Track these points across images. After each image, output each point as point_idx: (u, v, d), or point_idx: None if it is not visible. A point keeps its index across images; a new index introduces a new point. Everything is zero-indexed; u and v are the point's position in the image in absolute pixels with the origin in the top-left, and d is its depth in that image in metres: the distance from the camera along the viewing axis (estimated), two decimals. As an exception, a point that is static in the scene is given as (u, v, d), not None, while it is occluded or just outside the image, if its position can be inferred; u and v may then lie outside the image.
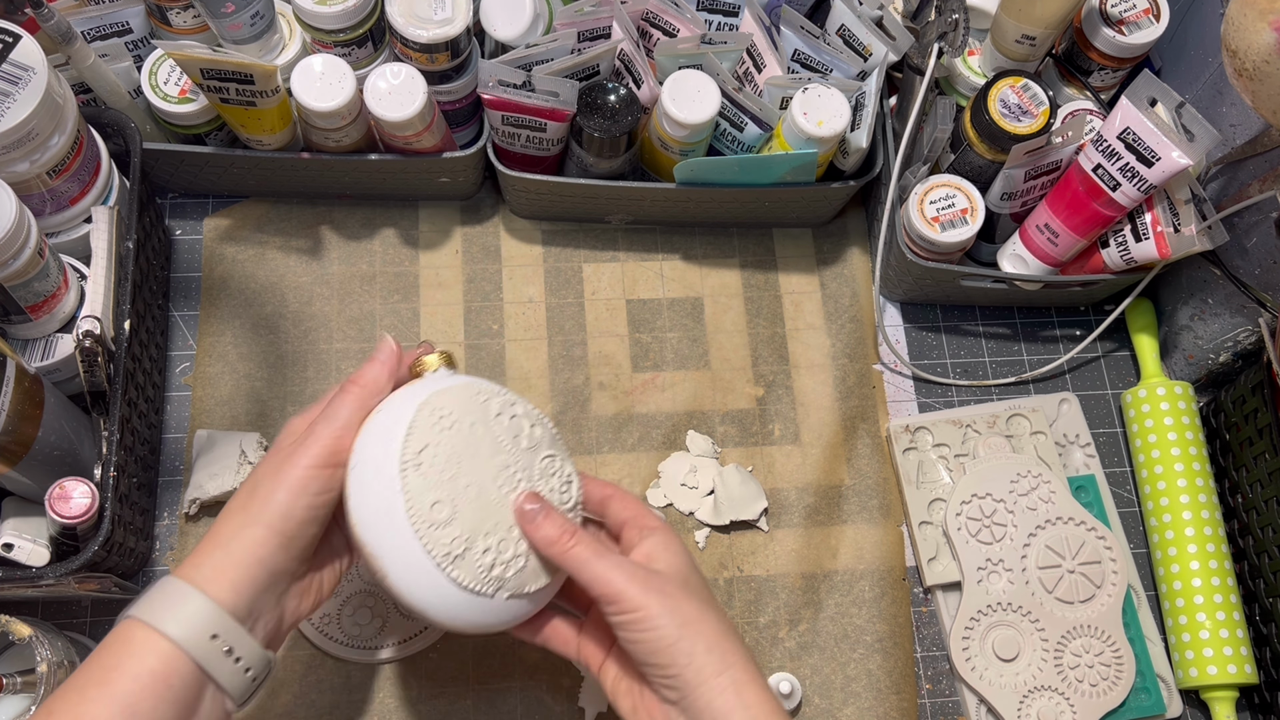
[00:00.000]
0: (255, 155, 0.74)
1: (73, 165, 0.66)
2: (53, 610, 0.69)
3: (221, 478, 0.70)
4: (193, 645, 0.46)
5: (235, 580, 0.48)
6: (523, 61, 0.72)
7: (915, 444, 0.77)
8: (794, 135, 0.72)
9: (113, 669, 0.45)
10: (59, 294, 0.66)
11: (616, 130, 0.72)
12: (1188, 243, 0.70)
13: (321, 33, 0.70)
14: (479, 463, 0.52)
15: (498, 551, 0.52)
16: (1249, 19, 0.60)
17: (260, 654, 0.49)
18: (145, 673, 0.45)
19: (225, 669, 0.47)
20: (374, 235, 0.81)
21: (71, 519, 0.59)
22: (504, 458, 0.53)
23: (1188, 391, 0.78)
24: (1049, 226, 0.74)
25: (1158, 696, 0.72)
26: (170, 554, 0.71)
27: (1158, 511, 0.75)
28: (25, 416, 0.59)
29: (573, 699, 0.70)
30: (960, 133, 0.74)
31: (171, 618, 0.46)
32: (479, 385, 0.55)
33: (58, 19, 0.65)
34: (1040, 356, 0.83)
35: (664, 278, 0.83)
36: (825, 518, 0.76)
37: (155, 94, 0.71)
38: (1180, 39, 0.79)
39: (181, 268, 0.79)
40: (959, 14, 0.71)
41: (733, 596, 0.74)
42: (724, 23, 0.77)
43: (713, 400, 0.79)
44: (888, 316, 0.84)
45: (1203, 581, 0.72)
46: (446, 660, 0.70)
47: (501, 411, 0.54)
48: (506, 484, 0.53)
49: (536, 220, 0.83)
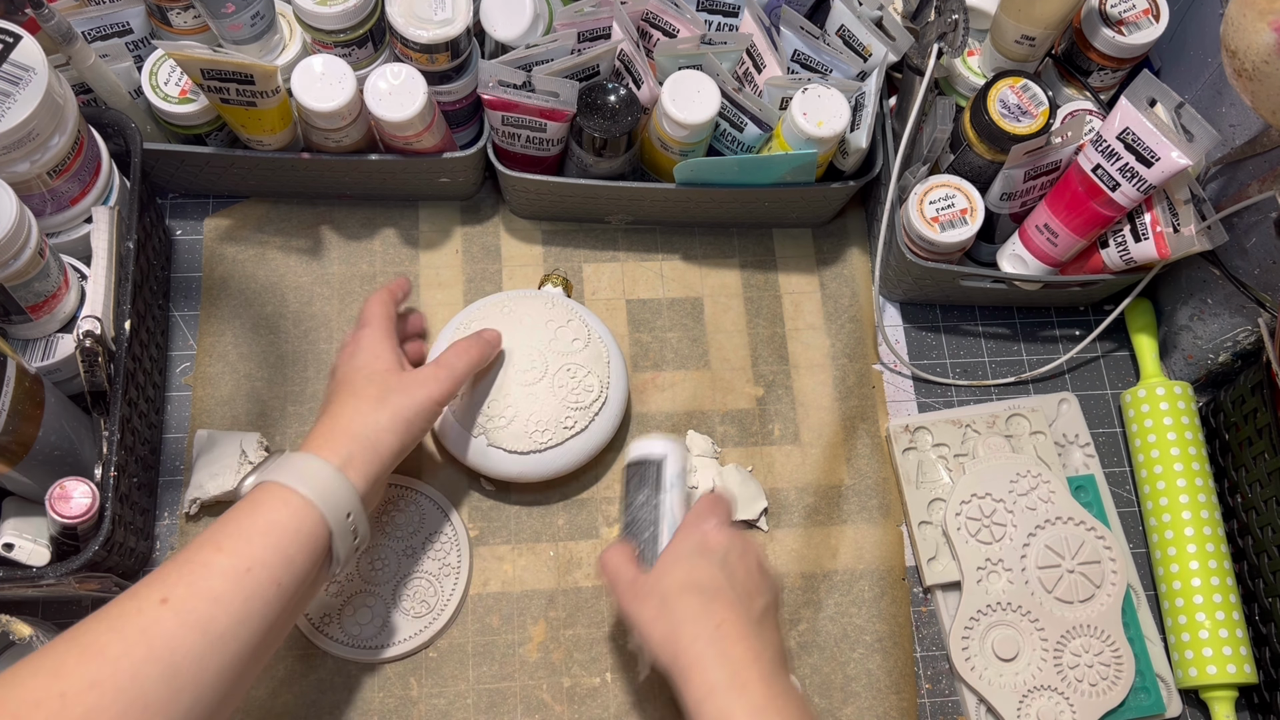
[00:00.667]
0: (256, 155, 0.74)
1: (73, 165, 0.66)
2: (53, 610, 0.69)
3: (222, 477, 0.70)
4: (334, 520, 0.56)
5: (367, 473, 0.59)
6: (523, 62, 0.72)
7: (915, 444, 0.77)
8: (794, 135, 0.72)
9: (274, 524, 0.54)
10: (59, 294, 0.66)
11: (616, 130, 0.72)
12: (1187, 243, 0.70)
13: (322, 33, 0.70)
14: (512, 351, 0.71)
15: (488, 406, 0.70)
16: (1248, 19, 0.60)
17: (367, 532, 0.60)
18: (300, 531, 0.55)
19: (347, 543, 0.58)
20: (374, 235, 0.81)
21: (72, 519, 0.60)
22: (536, 352, 0.71)
23: (1187, 391, 0.78)
24: (1048, 227, 0.74)
25: (1157, 696, 0.72)
26: (170, 554, 0.71)
27: (1157, 511, 0.76)
28: (26, 416, 0.59)
29: (573, 699, 0.70)
30: (960, 133, 0.74)
31: (324, 496, 0.56)
32: (557, 301, 0.74)
33: (58, 19, 0.65)
34: (1040, 356, 0.83)
35: (664, 278, 0.83)
36: (825, 518, 0.76)
37: (156, 94, 0.71)
38: (1180, 39, 0.79)
39: (182, 268, 0.79)
40: (959, 14, 0.71)
41: (732, 596, 0.74)
42: (724, 23, 0.77)
43: (713, 400, 0.79)
44: (887, 316, 0.84)
45: (1202, 581, 0.72)
46: (446, 660, 0.70)
47: (554, 320, 0.72)
48: (526, 368, 0.70)
49: (536, 220, 0.83)
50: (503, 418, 0.69)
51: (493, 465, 0.71)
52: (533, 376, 0.70)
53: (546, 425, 0.70)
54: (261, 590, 0.52)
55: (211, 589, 0.51)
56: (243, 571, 0.52)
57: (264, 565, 0.53)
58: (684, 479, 0.67)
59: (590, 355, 0.72)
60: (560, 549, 0.74)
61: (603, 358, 0.73)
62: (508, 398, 0.70)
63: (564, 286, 0.78)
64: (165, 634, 0.49)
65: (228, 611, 0.51)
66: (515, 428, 0.69)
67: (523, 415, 0.70)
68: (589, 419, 0.71)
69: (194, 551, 0.53)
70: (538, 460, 0.70)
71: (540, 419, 0.70)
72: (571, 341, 0.72)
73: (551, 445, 0.70)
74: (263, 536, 0.54)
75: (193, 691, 0.49)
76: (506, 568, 0.73)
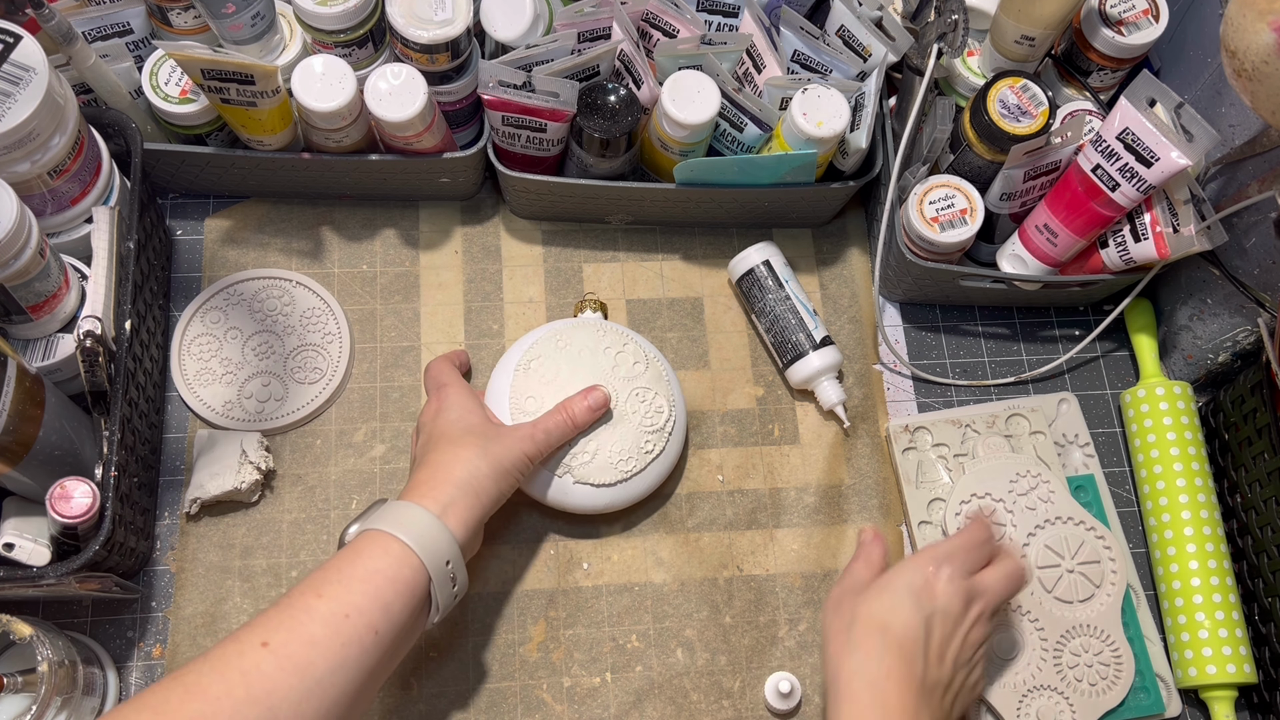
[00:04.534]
0: (256, 156, 0.74)
1: (74, 166, 0.66)
2: (54, 610, 0.69)
3: (222, 477, 0.70)
4: (434, 568, 0.57)
5: (466, 519, 0.60)
6: (523, 62, 0.72)
7: (915, 444, 0.77)
8: (794, 136, 0.72)
9: (374, 572, 0.56)
10: (60, 294, 0.66)
11: (616, 130, 0.72)
12: (1187, 243, 0.70)
13: (322, 33, 0.70)
14: (577, 378, 0.70)
15: (570, 444, 0.69)
16: (1248, 19, 0.60)
17: (466, 580, 0.61)
18: (399, 579, 0.56)
19: (446, 590, 0.59)
20: (374, 235, 0.81)
21: (72, 519, 0.60)
22: (604, 383, 0.70)
23: (1187, 391, 0.78)
24: (1048, 227, 0.74)
25: (1157, 696, 0.72)
26: (171, 553, 0.71)
27: (1157, 511, 0.76)
28: (26, 416, 0.59)
29: (573, 699, 0.70)
30: (959, 133, 0.74)
31: (423, 544, 0.57)
32: (604, 327, 0.74)
33: (59, 19, 0.65)
34: (1039, 356, 0.83)
35: (664, 278, 0.83)
36: (825, 518, 0.76)
37: (156, 94, 0.71)
38: (1179, 39, 0.79)
39: (182, 268, 0.79)
40: (958, 14, 0.71)
41: (732, 596, 0.74)
42: (724, 23, 0.77)
43: (713, 400, 0.79)
44: (887, 317, 0.84)
45: (1202, 581, 0.72)
46: (447, 660, 0.70)
47: (611, 345, 0.72)
48: None
49: (536, 220, 0.83)
50: (585, 453, 0.69)
51: (579, 501, 0.70)
52: None
53: (628, 454, 0.70)
54: (359, 636, 0.53)
55: (310, 634, 0.52)
56: (341, 617, 0.53)
57: (361, 612, 0.54)
58: (790, 268, 0.78)
59: (653, 376, 0.72)
60: (560, 549, 0.74)
61: (663, 377, 0.73)
62: (588, 432, 0.70)
63: (602, 310, 0.78)
64: (264, 676, 0.50)
65: (325, 656, 0.52)
66: (599, 461, 0.69)
67: (605, 448, 0.70)
68: (664, 440, 0.71)
69: (296, 597, 0.54)
70: (624, 489, 0.71)
71: (621, 449, 0.70)
72: (633, 365, 0.72)
73: (636, 473, 0.70)
74: (362, 583, 0.55)
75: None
76: (506, 568, 0.73)
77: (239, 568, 0.71)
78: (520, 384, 0.70)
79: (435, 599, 0.58)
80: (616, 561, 0.74)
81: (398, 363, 0.78)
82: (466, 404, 0.67)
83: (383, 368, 0.78)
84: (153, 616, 0.70)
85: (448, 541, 0.58)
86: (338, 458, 0.75)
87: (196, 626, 0.69)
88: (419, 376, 0.78)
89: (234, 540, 0.72)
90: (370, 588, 0.55)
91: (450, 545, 0.59)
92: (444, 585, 0.58)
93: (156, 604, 0.70)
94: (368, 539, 0.57)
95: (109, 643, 0.69)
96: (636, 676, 0.71)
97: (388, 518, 0.58)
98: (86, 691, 0.63)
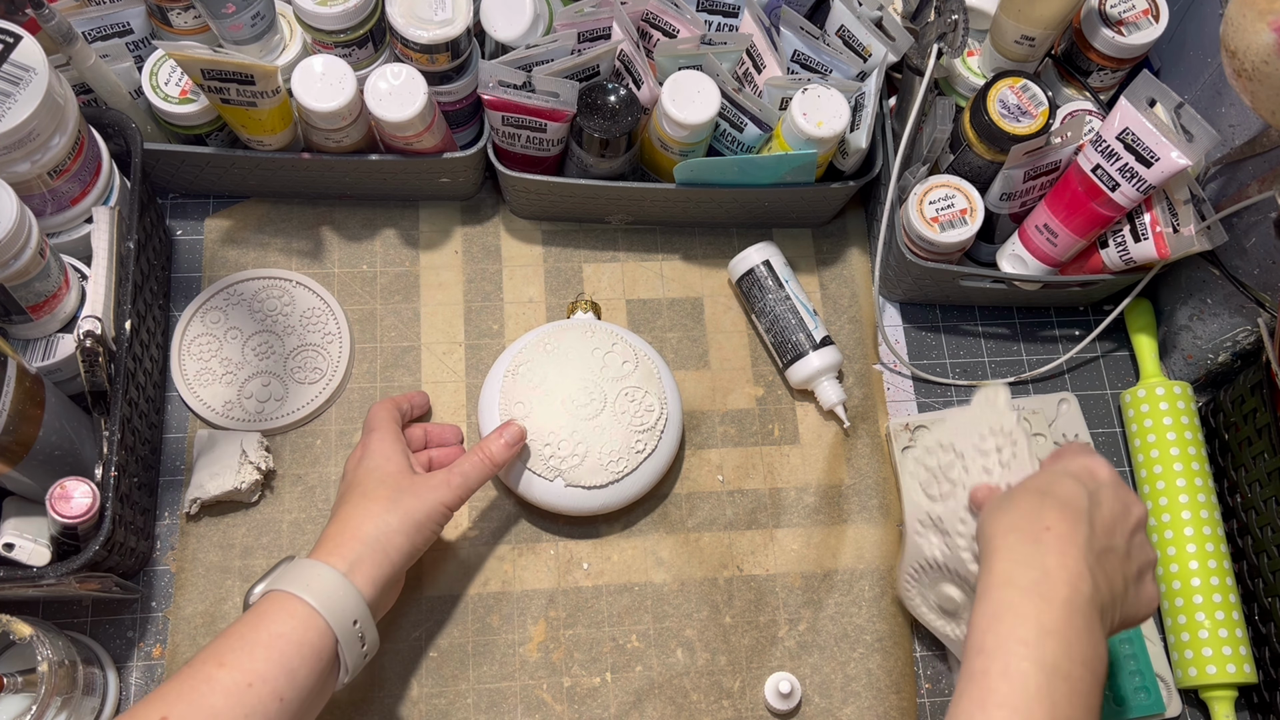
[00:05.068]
0: (256, 156, 0.74)
1: (74, 166, 0.66)
2: (53, 610, 0.69)
3: (222, 477, 0.70)
4: (340, 629, 0.56)
5: (375, 577, 0.59)
6: (523, 62, 0.72)
7: (914, 443, 0.77)
8: (794, 136, 0.72)
9: (277, 636, 0.54)
10: (60, 294, 0.66)
11: (616, 131, 0.72)
12: (1187, 243, 0.70)
13: (322, 33, 0.70)
14: (565, 381, 0.70)
15: (556, 447, 0.69)
16: (1248, 19, 0.60)
17: (376, 639, 0.59)
18: (305, 643, 0.54)
19: (355, 650, 0.57)
20: (374, 235, 0.81)
21: (72, 519, 0.60)
22: (592, 384, 0.71)
23: (1187, 391, 0.78)
24: (1048, 227, 0.74)
25: (1157, 696, 0.72)
26: (171, 553, 0.71)
27: (1157, 511, 0.76)
28: (26, 416, 0.59)
29: (573, 699, 0.70)
30: (959, 133, 0.74)
31: (329, 604, 0.56)
32: (594, 327, 0.74)
33: (59, 19, 0.65)
34: (1039, 356, 0.83)
35: (664, 278, 0.83)
36: (825, 517, 0.76)
37: (156, 94, 0.71)
38: (1179, 39, 0.79)
39: (182, 268, 0.79)
40: (958, 14, 0.71)
41: (732, 596, 0.74)
42: (724, 23, 0.77)
43: (712, 400, 0.79)
44: (887, 317, 0.84)
45: (1202, 581, 0.72)
46: (447, 660, 0.70)
47: (599, 346, 0.72)
48: (584, 403, 0.70)
49: (536, 220, 0.83)
50: (575, 456, 0.69)
51: (573, 503, 0.70)
52: (594, 409, 0.70)
53: (619, 454, 0.70)
54: (263, 705, 0.52)
55: (212, 706, 0.51)
56: (244, 687, 0.52)
57: (265, 680, 0.53)
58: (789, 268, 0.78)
59: (643, 375, 0.72)
60: (560, 549, 0.74)
61: (654, 375, 0.73)
62: (575, 435, 0.69)
63: (594, 310, 0.78)
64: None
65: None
66: (590, 463, 0.69)
67: (594, 450, 0.70)
68: (656, 439, 0.71)
69: (197, 666, 0.53)
70: (617, 490, 0.70)
71: (611, 449, 0.70)
72: (622, 365, 0.72)
73: (628, 473, 0.70)
74: (265, 649, 0.53)
75: None
76: (506, 568, 0.73)
77: (239, 568, 0.71)
78: (509, 390, 0.71)
79: (344, 660, 0.57)
80: (616, 561, 0.74)
81: (398, 363, 0.78)
82: (387, 451, 0.65)
83: (383, 368, 0.78)
84: (153, 616, 0.70)
85: (355, 601, 0.57)
86: (338, 458, 0.75)
87: (196, 626, 0.69)
88: (419, 376, 0.78)
89: (234, 540, 0.72)
90: (274, 654, 0.53)
91: (357, 604, 0.57)
92: (352, 646, 0.57)
93: (156, 604, 0.70)
94: (272, 601, 0.56)
95: (109, 643, 0.69)
96: (636, 676, 0.71)
97: (293, 578, 0.57)
98: (86, 691, 0.63)
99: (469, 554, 0.73)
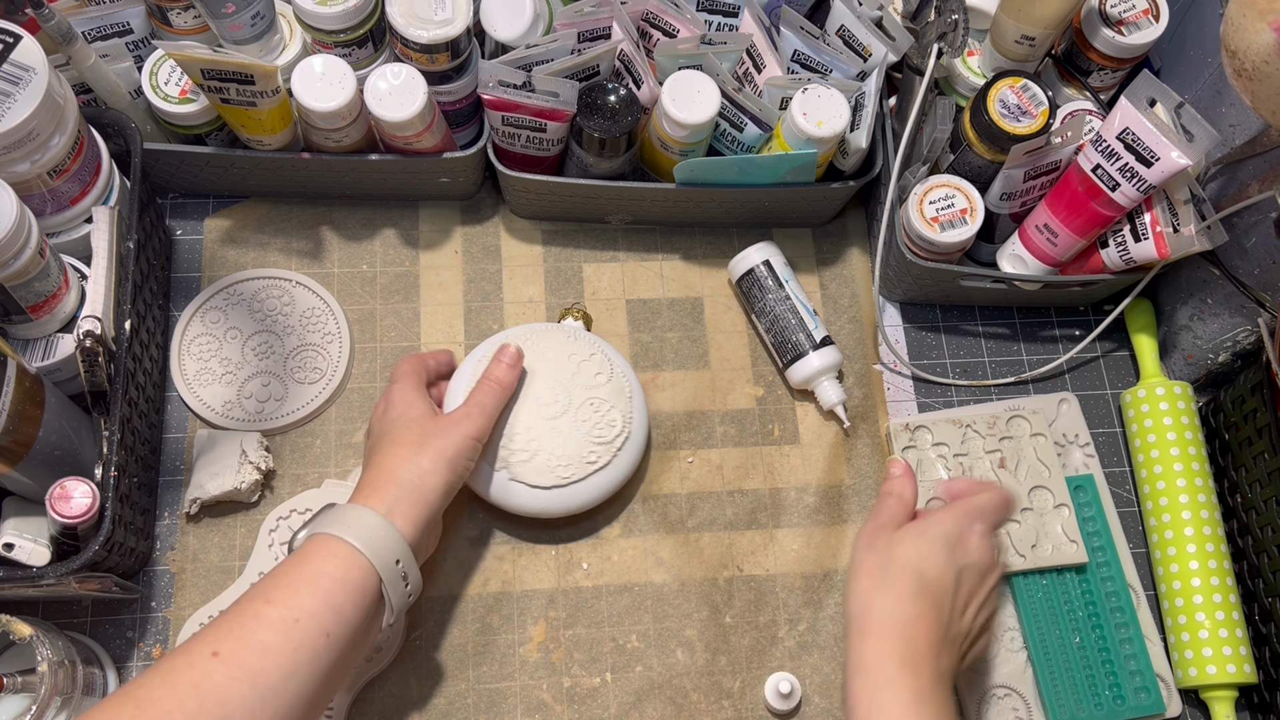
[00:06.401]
0: (256, 155, 0.74)
1: (73, 165, 0.66)
2: (53, 610, 0.69)
3: (222, 477, 0.70)
4: (383, 568, 0.57)
5: (414, 518, 0.60)
6: (523, 62, 0.72)
7: (914, 442, 0.77)
8: (794, 135, 0.72)
9: (321, 574, 0.55)
10: (60, 294, 0.66)
11: (616, 130, 0.72)
12: (1187, 243, 0.70)
13: (322, 33, 0.70)
14: (534, 385, 0.70)
15: (510, 440, 0.69)
16: (1248, 19, 0.60)
17: (419, 580, 0.61)
18: (349, 581, 0.56)
19: (399, 590, 0.58)
20: (374, 235, 0.81)
21: (72, 519, 0.60)
22: (555, 388, 0.70)
23: (1187, 391, 0.78)
24: (1048, 227, 0.74)
25: (1157, 696, 0.72)
26: (171, 553, 0.71)
27: (1157, 511, 0.76)
28: (26, 416, 0.59)
29: (573, 699, 0.70)
30: (960, 133, 0.74)
31: (371, 544, 0.57)
32: (578, 335, 0.73)
33: (58, 19, 0.65)
34: (1039, 356, 0.83)
35: (664, 278, 0.83)
36: (825, 518, 0.76)
37: (156, 94, 0.71)
38: (1179, 39, 0.79)
39: (182, 268, 0.79)
40: (958, 14, 0.71)
41: (732, 596, 0.74)
42: (724, 23, 0.77)
43: (712, 400, 0.79)
44: (887, 316, 0.84)
45: (1202, 581, 0.72)
46: (447, 660, 0.70)
47: (576, 354, 0.72)
48: (547, 403, 0.70)
49: (536, 220, 0.83)
50: (525, 451, 0.69)
51: (514, 500, 0.70)
52: (555, 410, 0.70)
53: (569, 460, 0.69)
54: (310, 641, 0.53)
55: (260, 641, 0.52)
56: (291, 622, 0.53)
57: (311, 615, 0.54)
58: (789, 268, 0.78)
59: (613, 390, 0.71)
60: (560, 549, 0.74)
61: (625, 392, 0.72)
62: (530, 431, 0.69)
63: (585, 321, 0.77)
64: (216, 687, 0.50)
65: (277, 663, 0.52)
66: (538, 462, 0.69)
67: (546, 450, 0.69)
68: (612, 454, 0.70)
69: (244, 604, 0.54)
70: (560, 495, 0.70)
71: (563, 454, 0.69)
72: (594, 375, 0.71)
73: (574, 480, 0.69)
74: (310, 586, 0.55)
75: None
76: (506, 568, 0.73)
77: (239, 568, 0.71)
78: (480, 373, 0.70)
79: (388, 599, 0.58)
80: (616, 561, 0.74)
81: (398, 363, 0.78)
82: (409, 399, 0.66)
83: (383, 368, 0.78)
84: (153, 616, 0.70)
85: (396, 540, 0.58)
86: (338, 458, 0.75)
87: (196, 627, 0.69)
88: (419, 376, 0.78)
89: (234, 540, 0.72)
90: (319, 590, 0.55)
91: (399, 544, 0.58)
92: (396, 585, 0.58)
93: (156, 604, 0.70)
94: (315, 543, 0.57)
95: (109, 643, 0.69)
96: (636, 677, 0.71)
97: (334, 521, 0.58)
98: (86, 691, 0.63)
99: (469, 554, 0.73)
